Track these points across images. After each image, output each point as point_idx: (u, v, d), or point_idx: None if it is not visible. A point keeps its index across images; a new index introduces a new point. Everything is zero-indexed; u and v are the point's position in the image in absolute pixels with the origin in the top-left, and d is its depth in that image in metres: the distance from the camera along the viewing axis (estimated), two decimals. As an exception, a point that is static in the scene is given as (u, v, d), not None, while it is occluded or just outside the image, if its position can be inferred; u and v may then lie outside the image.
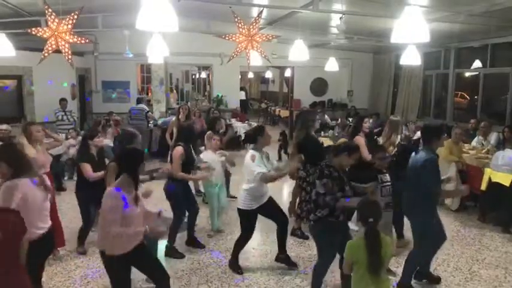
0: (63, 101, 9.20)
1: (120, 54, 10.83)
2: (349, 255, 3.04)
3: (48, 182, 3.41)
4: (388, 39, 5.23)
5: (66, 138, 8.36)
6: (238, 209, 4.48)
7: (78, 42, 5.79)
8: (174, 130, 7.03)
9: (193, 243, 5.19)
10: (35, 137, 4.69)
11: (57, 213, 4.96)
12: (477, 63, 9.52)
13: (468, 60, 9.88)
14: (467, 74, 10.45)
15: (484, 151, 6.87)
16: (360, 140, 5.28)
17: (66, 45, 5.60)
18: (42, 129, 4.83)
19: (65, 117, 9.09)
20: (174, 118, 8.15)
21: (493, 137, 7.31)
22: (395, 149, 5.45)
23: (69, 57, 5.72)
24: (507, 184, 5.70)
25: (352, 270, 3.06)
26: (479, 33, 8.44)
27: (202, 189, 6.77)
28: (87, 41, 6.15)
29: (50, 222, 3.37)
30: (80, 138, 8.60)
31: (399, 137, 5.49)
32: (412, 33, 4.05)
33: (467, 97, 10.97)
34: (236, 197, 6.70)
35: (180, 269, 4.61)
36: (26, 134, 4.71)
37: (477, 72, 9.53)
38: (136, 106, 10.62)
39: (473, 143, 7.29)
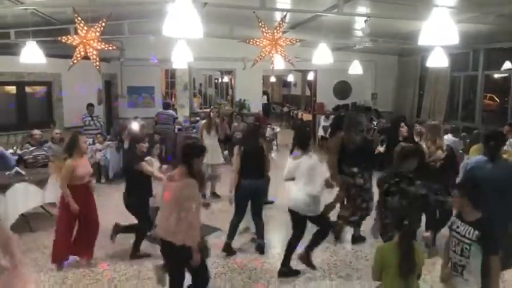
0: (90, 106, 9.41)
1: (145, 60, 11.02)
2: (379, 259, 2.97)
3: None
4: (414, 41, 5.12)
5: (93, 143, 8.55)
6: (298, 214, 4.42)
7: (106, 49, 5.91)
8: (204, 132, 7.40)
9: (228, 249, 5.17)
10: (82, 149, 4.65)
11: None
12: (507, 65, 9.25)
13: (498, 61, 9.60)
14: (496, 76, 10.16)
15: (515, 155, 6.64)
16: None
17: (94, 52, 5.73)
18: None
19: (91, 122, 9.29)
20: (204, 121, 8.26)
21: (525, 141, 7.05)
22: (445, 152, 5.08)
23: (97, 63, 5.84)
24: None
25: (380, 278, 2.98)
26: (509, 33, 8.20)
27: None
28: (114, 47, 6.27)
29: None
30: (106, 143, 8.81)
31: (445, 138, 5.13)
32: (440, 35, 3.95)
33: (497, 99, 10.66)
34: (270, 202, 6.73)
35: (205, 273, 4.63)
36: (73, 145, 4.58)
37: (507, 74, 9.25)
38: (165, 111, 10.73)
39: (505, 146, 7.06)
